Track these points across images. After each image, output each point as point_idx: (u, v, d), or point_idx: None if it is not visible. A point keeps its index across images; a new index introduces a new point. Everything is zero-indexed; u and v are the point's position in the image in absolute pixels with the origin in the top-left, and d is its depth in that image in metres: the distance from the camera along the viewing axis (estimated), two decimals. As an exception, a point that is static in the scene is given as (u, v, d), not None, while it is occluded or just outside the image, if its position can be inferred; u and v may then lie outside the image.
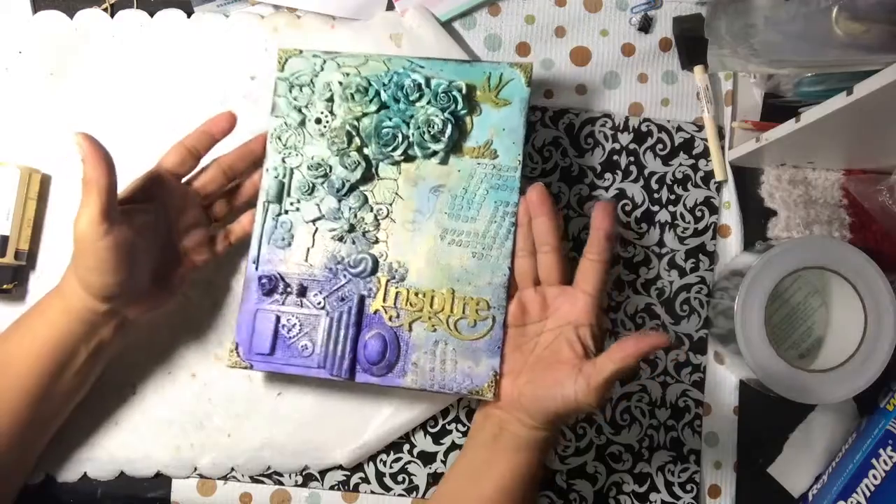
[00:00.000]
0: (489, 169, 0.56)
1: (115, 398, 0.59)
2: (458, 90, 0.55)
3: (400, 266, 0.55)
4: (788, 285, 0.64)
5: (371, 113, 0.56)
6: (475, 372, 0.54)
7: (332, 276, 0.56)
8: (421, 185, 0.56)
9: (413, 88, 0.55)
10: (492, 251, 0.55)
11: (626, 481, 0.63)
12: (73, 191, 0.61)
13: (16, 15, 0.62)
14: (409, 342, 0.55)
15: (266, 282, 0.55)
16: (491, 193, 0.55)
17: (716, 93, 0.66)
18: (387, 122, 0.55)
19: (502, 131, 0.56)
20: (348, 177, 0.56)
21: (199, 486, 0.60)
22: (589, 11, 0.66)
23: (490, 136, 0.56)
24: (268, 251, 0.56)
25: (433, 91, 0.55)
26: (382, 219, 0.56)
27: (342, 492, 0.61)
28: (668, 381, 0.64)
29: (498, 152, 0.56)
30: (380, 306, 0.55)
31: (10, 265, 0.58)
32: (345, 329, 0.55)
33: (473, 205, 0.55)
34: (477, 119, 0.56)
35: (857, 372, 0.57)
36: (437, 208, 0.56)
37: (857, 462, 0.61)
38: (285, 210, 0.56)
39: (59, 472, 0.59)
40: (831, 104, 0.50)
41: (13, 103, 0.61)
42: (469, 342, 0.54)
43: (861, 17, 0.49)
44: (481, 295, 0.55)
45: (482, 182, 0.56)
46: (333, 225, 0.56)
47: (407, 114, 0.55)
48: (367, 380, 0.55)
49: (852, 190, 0.65)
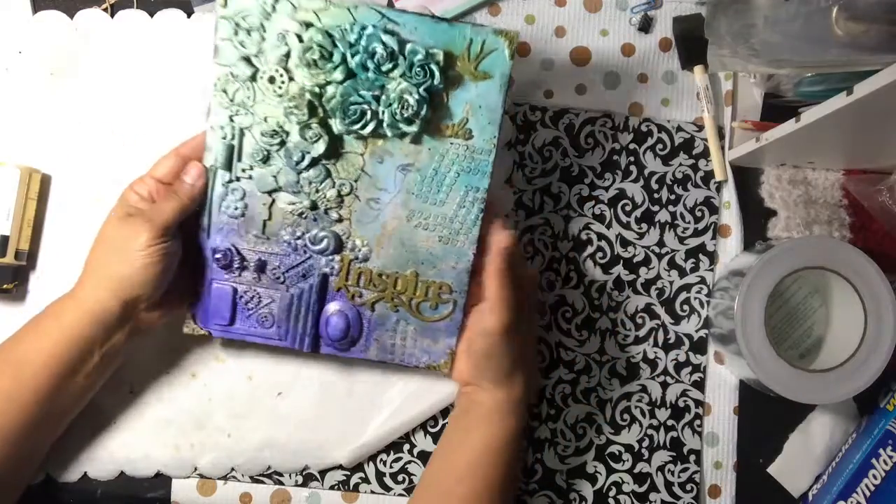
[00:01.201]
0: (461, 150, 0.52)
1: (115, 398, 0.59)
2: (436, 62, 0.49)
3: (363, 245, 0.53)
4: (788, 285, 0.64)
5: (335, 82, 0.49)
6: (433, 349, 0.55)
7: (293, 252, 0.53)
8: (388, 161, 0.52)
9: (385, 57, 0.49)
10: (458, 236, 0.53)
11: (626, 481, 0.63)
12: (73, 191, 0.61)
13: (16, 15, 0.62)
14: (372, 320, 0.54)
15: (221, 256, 0.53)
16: (462, 177, 0.52)
17: (716, 93, 0.66)
18: (354, 95, 0.49)
19: (479, 108, 0.51)
20: (308, 149, 0.51)
21: (199, 486, 0.60)
22: (589, 11, 0.66)
23: (465, 114, 0.51)
24: (219, 219, 0.52)
25: (408, 61, 0.49)
26: (346, 195, 0.52)
27: (342, 492, 0.61)
28: (668, 381, 0.64)
29: (472, 132, 0.51)
30: (343, 285, 0.54)
31: (10, 265, 0.58)
32: (306, 306, 0.54)
33: (443, 187, 0.52)
34: (453, 93, 0.51)
35: (857, 372, 0.57)
36: (404, 187, 0.52)
37: (857, 462, 0.61)
38: (236, 177, 0.52)
39: (59, 472, 0.59)
40: (831, 104, 0.50)
41: (13, 103, 0.61)
42: (430, 323, 0.54)
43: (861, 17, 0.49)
44: (444, 279, 0.54)
45: (453, 164, 0.52)
46: (292, 199, 0.52)
47: (377, 84, 0.50)
48: (330, 352, 0.55)
49: (852, 190, 0.65)
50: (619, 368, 0.64)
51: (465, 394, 0.55)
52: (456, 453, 0.54)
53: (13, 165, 0.58)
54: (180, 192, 0.51)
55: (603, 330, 0.64)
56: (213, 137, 0.51)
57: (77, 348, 0.50)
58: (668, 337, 0.64)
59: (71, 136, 0.61)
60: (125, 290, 0.50)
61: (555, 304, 0.64)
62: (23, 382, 0.50)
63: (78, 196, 0.61)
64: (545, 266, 0.64)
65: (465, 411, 0.55)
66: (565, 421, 0.63)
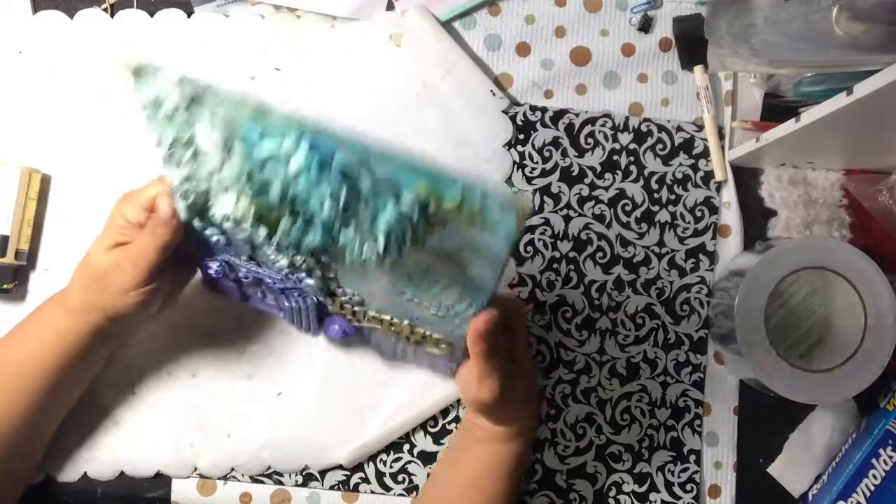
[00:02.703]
0: (457, 275, 0.41)
1: (115, 398, 0.59)
2: (409, 218, 0.38)
3: (355, 295, 0.47)
4: (788, 285, 0.64)
5: (281, 217, 0.41)
6: (434, 363, 0.52)
7: (285, 279, 0.48)
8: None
9: (337, 217, 0.40)
10: (455, 319, 0.45)
11: (626, 481, 0.63)
12: (73, 191, 0.61)
13: (16, 15, 0.62)
14: (371, 336, 0.52)
15: (216, 271, 0.50)
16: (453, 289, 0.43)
17: (716, 93, 0.66)
18: (309, 236, 0.42)
19: (478, 252, 0.39)
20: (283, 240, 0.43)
21: (199, 486, 0.60)
22: (589, 11, 0.66)
23: (461, 249, 0.40)
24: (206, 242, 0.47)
25: (371, 209, 0.39)
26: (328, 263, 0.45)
27: (342, 492, 0.61)
28: (668, 381, 0.64)
29: (470, 268, 0.41)
30: (338, 311, 0.50)
31: (10, 265, 0.58)
32: (306, 319, 0.52)
33: (435, 288, 0.43)
34: (442, 232, 0.39)
35: (857, 372, 0.57)
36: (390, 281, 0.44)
37: (857, 462, 0.60)
38: (210, 223, 0.45)
39: (59, 472, 0.59)
40: (831, 104, 0.50)
41: (13, 103, 0.61)
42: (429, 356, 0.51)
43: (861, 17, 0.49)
44: (441, 335, 0.48)
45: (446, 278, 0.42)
46: (273, 256, 0.45)
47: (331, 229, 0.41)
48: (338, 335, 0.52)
49: (852, 190, 0.65)
50: (619, 368, 0.63)
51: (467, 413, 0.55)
52: (459, 467, 0.54)
53: (13, 165, 0.58)
54: (156, 231, 0.46)
55: (603, 330, 0.64)
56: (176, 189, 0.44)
57: (73, 355, 0.51)
58: (668, 337, 0.64)
59: (71, 136, 0.61)
60: (118, 314, 0.49)
61: (555, 304, 0.64)
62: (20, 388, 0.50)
63: (78, 196, 0.61)
64: (545, 266, 0.64)
65: (467, 429, 0.55)
66: (565, 421, 0.63)
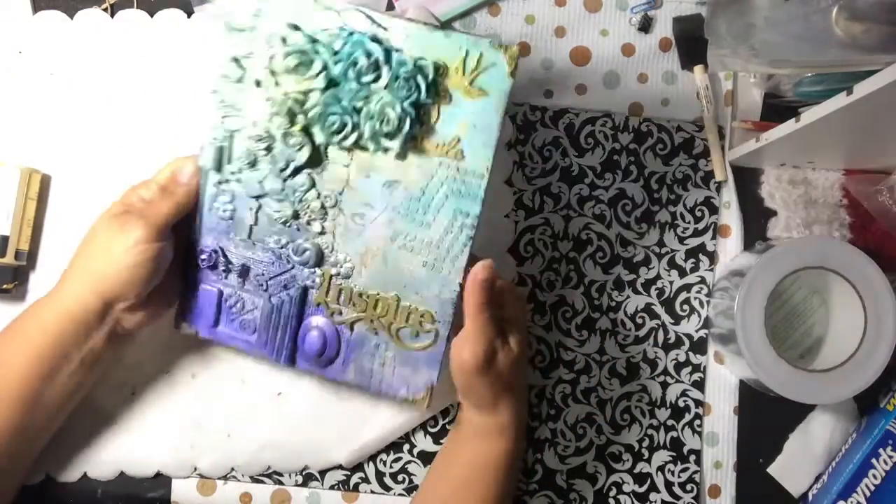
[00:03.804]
0: (452, 171, 0.48)
1: (115, 398, 0.59)
2: (424, 75, 0.47)
3: (346, 261, 0.51)
4: (788, 285, 0.64)
5: (317, 89, 0.48)
6: (412, 380, 0.52)
7: (276, 259, 0.51)
8: (374, 176, 0.49)
9: (367, 68, 0.47)
10: (444, 264, 0.50)
11: (626, 481, 0.63)
12: (73, 191, 0.61)
13: (16, 15, 0.62)
14: (350, 341, 0.52)
15: (206, 257, 0.52)
16: (451, 200, 0.49)
17: (716, 93, 0.66)
18: (335, 105, 0.48)
19: (473, 128, 0.48)
20: (292, 156, 0.49)
21: (199, 486, 0.60)
22: (589, 11, 0.66)
23: (458, 133, 0.48)
24: (209, 219, 0.52)
25: (393, 72, 0.47)
26: (330, 207, 0.50)
27: (342, 492, 0.61)
28: (668, 381, 0.64)
29: (465, 153, 0.48)
30: (322, 300, 0.52)
31: (10, 265, 0.58)
32: (285, 319, 0.52)
33: (430, 209, 0.49)
34: (445, 109, 0.48)
35: (857, 372, 0.57)
36: (389, 205, 0.49)
37: (857, 462, 0.61)
38: (226, 179, 0.50)
39: (59, 472, 0.59)
40: (831, 104, 0.50)
41: (13, 103, 0.61)
42: (409, 351, 0.52)
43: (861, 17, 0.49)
44: (427, 306, 0.50)
45: (442, 185, 0.49)
46: (277, 206, 0.50)
47: (360, 95, 0.47)
48: (306, 368, 0.53)
49: (852, 190, 0.65)
50: (619, 368, 0.64)
51: (460, 406, 0.56)
52: (452, 465, 0.55)
53: (13, 165, 0.58)
54: (175, 191, 0.50)
55: (603, 330, 0.64)
56: (206, 138, 0.50)
57: (55, 349, 0.49)
58: (668, 337, 0.64)
59: (71, 136, 0.61)
60: (107, 287, 0.49)
61: (555, 304, 0.64)
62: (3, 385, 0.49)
63: (78, 196, 0.61)
64: (545, 266, 0.64)
65: (458, 425, 0.56)
66: (565, 421, 0.63)
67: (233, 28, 0.48)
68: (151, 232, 0.48)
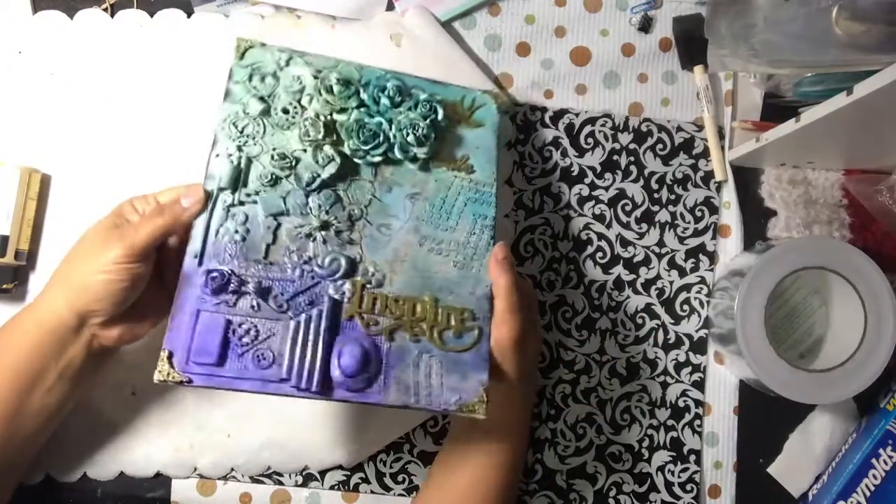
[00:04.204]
0: (466, 182, 0.54)
1: (114, 398, 0.59)
2: (439, 101, 0.55)
3: (377, 270, 0.50)
4: (788, 285, 0.64)
5: (351, 108, 0.53)
6: (462, 386, 0.48)
7: (300, 277, 0.48)
8: (397, 190, 0.53)
9: (395, 91, 0.54)
10: (473, 262, 0.52)
11: (626, 481, 0.63)
12: (73, 191, 0.61)
13: (16, 15, 0.62)
14: (390, 353, 0.48)
15: (213, 280, 0.47)
16: (469, 206, 0.54)
17: (716, 93, 0.66)
18: (368, 119, 0.53)
19: (477, 149, 0.55)
20: (319, 171, 0.51)
21: (199, 486, 0.60)
22: (589, 11, 0.66)
23: (466, 152, 0.55)
24: (215, 245, 0.48)
25: (414, 99, 0.54)
26: (357, 220, 0.51)
27: (342, 492, 0.61)
28: (668, 381, 0.64)
29: (474, 167, 0.55)
30: (356, 312, 0.48)
31: (10, 265, 0.58)
32: (314, 335, 0.47)
33: (452, 215, 0.53)
34: (453, 134, 0.55)
35: (857, 372, 0.57)
36: (414, 214, 0.52)
37: (857, 462, 0.61)
38: (240, 201, 0.49)
39: (59, 472, 0.59)
40: (831, 104, 0.50)
41: (13, 103, 0.61)
42: (455, 354, 0.49)
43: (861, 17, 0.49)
44: (465, 304, 0.51)
45: (459, 193, 0.54)
46: (300, 221, 0.50)
47: (387, 116, 0.53)
48: (343, 396, 0.46)
49: (852, 190, 0.65)
50: (619, 368, 0.64)
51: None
52: (457, 470, 0.54)
53: (13, 165, 0.58)
54: (167, 213, 0.48)
55: (603, 330, 0.64)
56: (217, 164, 0.50)
57: (33, 360, 0.49)
58: (668, 337, 0.64)
59: (71, 136, 0.61)
60: (80, 300, 0.48)
61: (555, 304, 0.64)
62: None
63: (78, 196, 0.61)
64: (545, 266, 0.64)
65: (466, 431, 0.55)
66: (565, 421, 0.63)
67: (256, 74, 0.53)
68: (129, 252, 0.47)
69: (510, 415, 0.53)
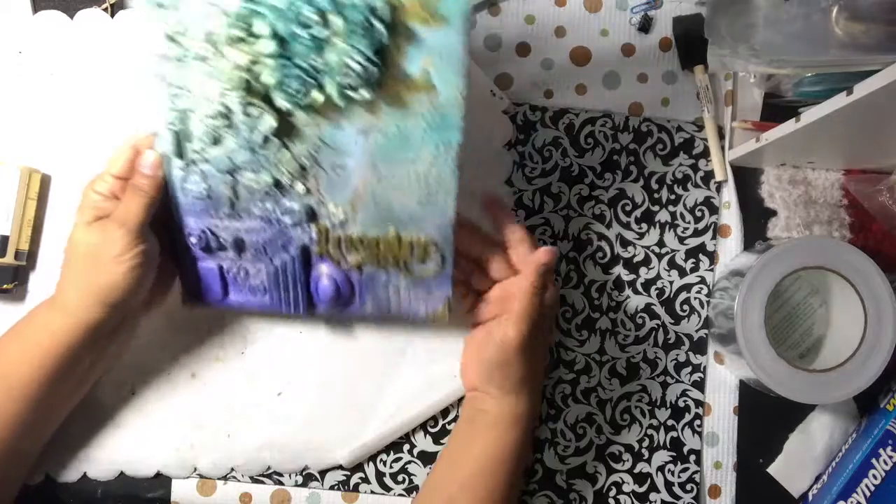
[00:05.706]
0: (427, 106, 0.47)
1: (114, 398, 0.59)
2: (377, 15, 0.44)
3: (338, 212, 0.50)
4: (788, 285, 0.64)
5: (268, 55, 0.45)
6: (428, 300, 0.53)
7: (267, 225, 0.51)
8: (347, 127, 0.47)
9: (316, 22, 0.44)
10: (437, 196, 0.49)
11: (626, 481, 0.63)
12: (73, 191, 0.61)
13: (16, 15, 0.62)
14: (362, 280, 0.53)
15: (196, 240, 0.51)
16: (430, 133, 0.47)
17: (716, 93, 0.66)
18: (290, 69, 0.45)
19: (439, 58, 0.46)
20: (257, 126, 0.47)
21: (199, 486, 0.60)
22: (589, 11, 0.66)
23: (424, 66, 0.46)
24: (185, 201, 0.50)
25: (346, 20, 0.44)
26: (309, 168, 0.49)
27: (342, 492, 0.61)
28: (668, 381, 0.64)
29: (435, 84, 0.46)
30: (324, 251, 0.52)
31: (10, 265, 0.58)
32: (292, 273, 0.52)
33: (411, 146, 0.48)
34: (407, 46, 0.45)
35: (857, 372, 0.57)
36: (367, 151, 0.48)
37: (857, 462, 0.61)
38: (192, 160, 0.48)
39: (59, 472, 0.59)
40: (831, 104, 0.50)
41: (13, 103, 0.61)
42: (420, 279, 0.53)
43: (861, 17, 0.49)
44: (428, 236, 0.51)
45: (419, 121, 0.47)
46: (253, 176, 0.49)
47: (315, 50, 0.45)
48: (327, 311, 0.54)
49: (852, 190, 0.65)
50: (619, 368, 0.64)
51: (471, 399, 0.55)
52: (460, 461, 0.54)
53: (13, 165, 0.58)
54: (143, 187, 0.48)
55: (603, 330, 0.64)
56: (158, 123, 0.48)
57: (68, 356, 0.50)
58: (668, 337, 0.64)
59: (71, 136, 0.61)
60: (111, 296, 0.49)
61: (555, 304, 0.64)
62: (12, 393, 0.50)
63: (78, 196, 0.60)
64: (545, 266, 0.64)
65: (470, 420, 0.55)
66: (565, 421, 0.63)
67: (159, 4, 0.44)
68: (132, 237, 0.48)
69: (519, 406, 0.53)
